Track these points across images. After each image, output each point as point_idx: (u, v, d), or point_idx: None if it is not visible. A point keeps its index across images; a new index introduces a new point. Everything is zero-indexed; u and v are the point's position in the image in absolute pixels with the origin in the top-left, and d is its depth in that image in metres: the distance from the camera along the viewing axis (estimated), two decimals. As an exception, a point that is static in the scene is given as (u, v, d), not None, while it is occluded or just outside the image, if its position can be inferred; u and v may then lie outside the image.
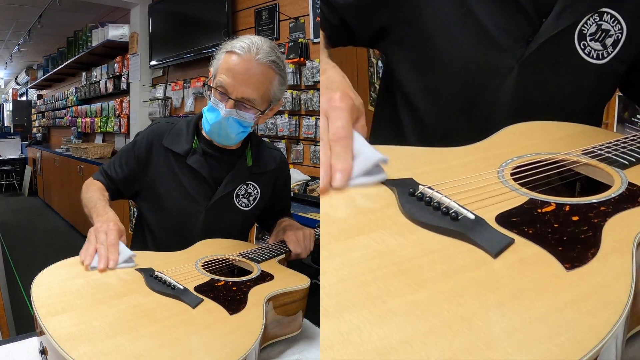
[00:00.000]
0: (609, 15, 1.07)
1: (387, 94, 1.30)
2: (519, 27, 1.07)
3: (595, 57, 1.08)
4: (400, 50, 1.20)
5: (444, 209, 0.69)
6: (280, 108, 3.43)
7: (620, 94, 1.34)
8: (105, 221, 1.22)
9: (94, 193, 1.40)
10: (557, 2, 1.05)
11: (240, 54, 1.30)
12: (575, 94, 1.12)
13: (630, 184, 0.77)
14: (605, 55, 1.09)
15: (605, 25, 1.07)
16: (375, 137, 1.31)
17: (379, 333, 0.49)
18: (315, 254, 1.44)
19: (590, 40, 1.07)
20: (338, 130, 0.76)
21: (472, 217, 0.67)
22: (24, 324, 2.89)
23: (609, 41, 1.08)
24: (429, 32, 1.12)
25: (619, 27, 1.07)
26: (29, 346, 1.01)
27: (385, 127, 1.31)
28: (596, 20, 1.07)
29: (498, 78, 1.10)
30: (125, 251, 1.13)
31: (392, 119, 1.27)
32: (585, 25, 1.06)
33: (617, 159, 0.85)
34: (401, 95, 1.23)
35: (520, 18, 1.06)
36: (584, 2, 1.05)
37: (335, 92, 0.80)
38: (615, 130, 2.28)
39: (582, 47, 1.07)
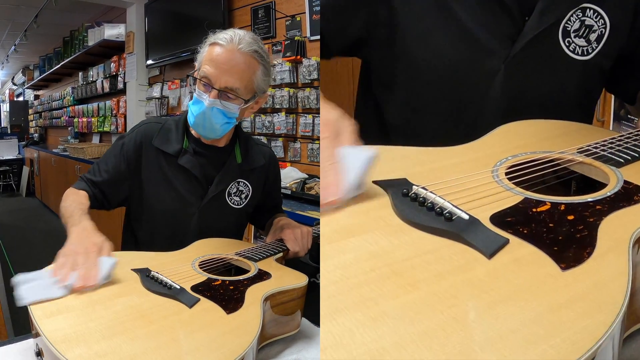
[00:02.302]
0: (591, 11, 1.07)
1: (368, 96, 1.30)
2: (503, 27, 1.06)
3: (580, 53, 1.08)
4: (380, 56, 1.19)
5: (438, 209, 0.69)
6: (277, 106, 3.46)
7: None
8: (81, 234, 1.14)
9: (71, 202, 1.33)
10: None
11: (222, 45, 1.32)
12: (562, 91, 1.11)
13: (626, 182, 0.76)
14: (590, 51, 1.09)
15: (588, 21, 1.07)
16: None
17: (371, 335, 0.49)
18: (313, 251, 1.44)
19: (575, 36, 1.07)
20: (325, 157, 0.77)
21: (466, 217, 0.67)
22: (22, 325, 2.88)
23: (593, 36, 1.08)
24: (410, 38, 1.11)
25: (602, 22, 1.07)
26: (25, 348, 1.00)
27: (370, 131, 1.30)
28: (579, 16, 1.06)
29: (484, 80, 1.09)
30: (104, 267, 1.05)
31: (376, 123, 1.27)
32: (568, 21, 1.06)
33: (613, 157, 0.84)
34: (384, 99, 1.23)
35: (504, 17, 1.06)
36: None
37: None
38: (611, 128, 2.28)
39: (567, 44, 1.07)
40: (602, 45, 1.09)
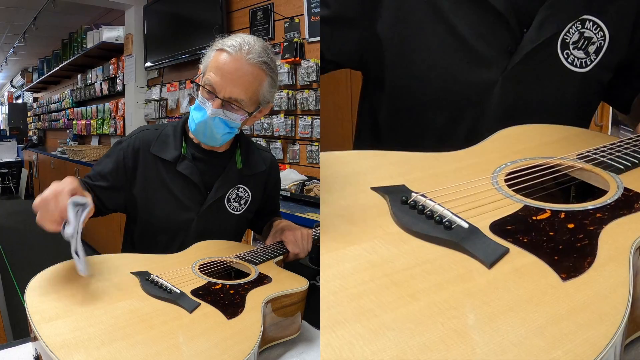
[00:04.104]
0: (591, 23, 1.06)
1: (368, 103, 1.30)
2: (500, 39, 1.06)
3: (578, 65, 1.08)
4: (377, 67, 1.19)
5: (437, 217, 0.68)
6: (276, 108, 3.46)
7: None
8: (53, 185, 1.08)
9: None
10: (538, 12, 1.04)
11: (230, 53, 1.27)
12: (560, 103, 1.11)
13: (626, 189, 0.76)
14: (588, 63, 1.08)
15: (587, 33, 1.06)
16: (360, 147, 1.31)
17: (371, 348, 0.49)
18: (313, 254, 1.43)
19: (573, 48, 1.07)
20: None
21: (465, 225, 0.66)
22: (21, 328, 2.87)
23: (591, 48, 1.07)
24: (407, 49, 1.11)
25: (602, 34, 1.07)
26: (24, 352, 1.00)
27: (368, 138, 1.31)
28: (578, 28, 1.06)
29: (482, 92, 1.09)
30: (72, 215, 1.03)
31: (374, 130, 1.27)
32: (567, 34, 1.06)
33: (613, 163, 0.84)
34: (381, 108, 1.23)
35: (502, 29, 1.05)
36: (565, 11, 1.05)
37: None
38: (610, 132, 2.28)
39: (565, 56, 1.07)
40: (601, 57, 1.08)
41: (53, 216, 1.02)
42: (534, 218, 0.69)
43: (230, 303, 1.00)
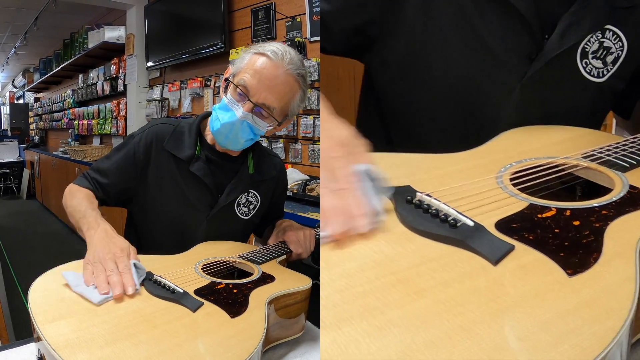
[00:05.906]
0: (611, 33, 1.06)
1: (371, 104, 1.28)
2: (521, 44, 1.05)
3: (595, 75, 1.07)
4: (387, 63, 1.17)
5: (443, 216, 0.68)
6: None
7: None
8: (104, 239, 1.12)
9: (81, 200, 1.29)
10: (561, 18, 1.03)
11: (271, 58, 1.25)
12: (574, 111, 1.11)
13: (631, 186, 0.76)
14: (605, 73, 1.08)
15: (607, 43, 1.06)
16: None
17: (377, 345, 0.49)
18: (315, 254, 1.42)
19: (592, 58, 1.06)
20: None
21: (471, 224, 0.66)
22: (23, 329, 2.88)
23: (609, 58, 1.07)
24: (427, 47, 1.10)
25: (620, 44, 1.06)
26: (27, 352, 1.00)
27: (373, 139, 1.29)
28: (598, 37, 1.05)
29: (499, 96, 1.08)
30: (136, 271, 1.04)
31: (380, 131, 1.26)
32: (588, 43, 1.05)
33: (618, 161, 0.84)
34: (391, 108, 1.22)
35: (524, 34, 1.04)
36: (588, 19, 1.03)
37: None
38: (614, 131, 2.27)
39: (584, 65, 1.06)
40: (617, 68, 1.08)
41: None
42: (539, 216, 0.69)
43: (233, 302, 1.00)
